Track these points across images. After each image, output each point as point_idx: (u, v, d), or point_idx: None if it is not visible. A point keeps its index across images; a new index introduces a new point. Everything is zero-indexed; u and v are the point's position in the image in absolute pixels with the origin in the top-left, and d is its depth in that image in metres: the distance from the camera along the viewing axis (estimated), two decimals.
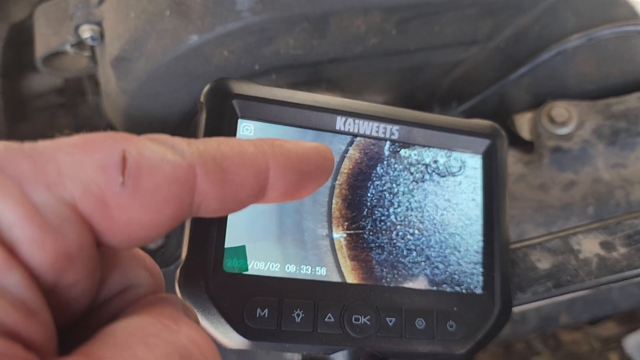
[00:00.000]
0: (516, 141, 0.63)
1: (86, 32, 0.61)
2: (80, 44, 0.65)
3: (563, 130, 0.59)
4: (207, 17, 0.53)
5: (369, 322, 0.36)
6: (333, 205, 0.38)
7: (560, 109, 0.60)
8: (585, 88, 0.64)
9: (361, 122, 0.39)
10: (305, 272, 0.36)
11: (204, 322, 0.34)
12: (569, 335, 0.99)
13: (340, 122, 0.39)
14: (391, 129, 0.40)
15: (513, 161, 0.61)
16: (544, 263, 0.44)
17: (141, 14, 0.56)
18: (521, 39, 0.62)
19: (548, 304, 0.84)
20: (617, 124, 0.59)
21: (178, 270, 0.34)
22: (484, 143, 0.42)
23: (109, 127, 0.93)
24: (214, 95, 0.37)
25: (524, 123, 0.62)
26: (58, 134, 0.95)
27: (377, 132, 0.39)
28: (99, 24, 0.61)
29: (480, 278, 0.40)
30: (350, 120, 0.39)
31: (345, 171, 0.39)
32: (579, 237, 0.45)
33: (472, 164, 0.41)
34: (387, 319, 0.37)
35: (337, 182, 0.38)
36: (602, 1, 0.61)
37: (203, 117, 0.36)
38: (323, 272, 0.37)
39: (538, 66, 0.62)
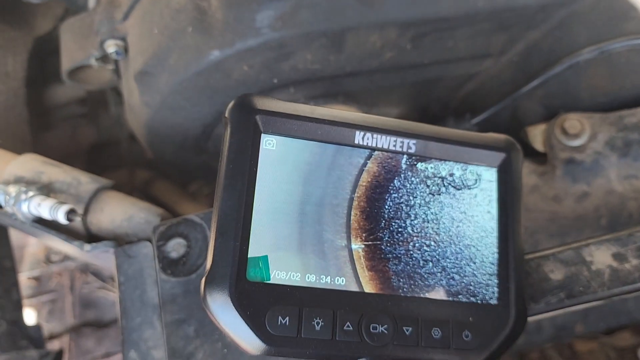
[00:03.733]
0: (529, 153, 0.63)
1: (111, 47, 0.64)
2: (104, 57, 0.67)
3: (576, 142, 0.60)
4: (228, 34, 0.55)
5: (386, 331, 0.37)
6: (352, 217, 0.39)
7: (573, 121, 0.61)
8: (598, 100, 0.65)
9: (379, 136, 0.40)
10: (325, 281, 0.38)
11: (227, 328, 0.36)
12: (584, 345, 0.98)
13: (359, 137, 0.40)
14: (408, 143, 0.41)
15: (526, 172, 0.61)
16: (556, 274, 0.45)
17: (164, 30, 0.58)
18: (534, 52, 0.64)
19: (563, 313, 0.84)
20: (629, 136, 0.60)
21: (203, 278, 0.36)
22: (500, 157, 0.43)
23: (130, 137, 0.95)
24: (238, 111, 0.38)
25: (537, 135, 0.63)
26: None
27: (394, 146, 0.41)
28: (124, 39, 0.63)
29: (496, 289, 0.41)
30: (368, 134, 0.40)
31: (364, 184, 0.40)
32: (591, 248, 0.45)
33: (488, 177, 0.43)
34: (404, 328, 0.38)
35: (355, 194, 0.40)
36: (614, 15, 0.62)
37: (228, 132, 0.38)
38: (342, 282, 0.38)
39: (550, 79, 0.63)
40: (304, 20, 0.55)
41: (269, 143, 0.39)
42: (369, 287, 0.38)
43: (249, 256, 0.37)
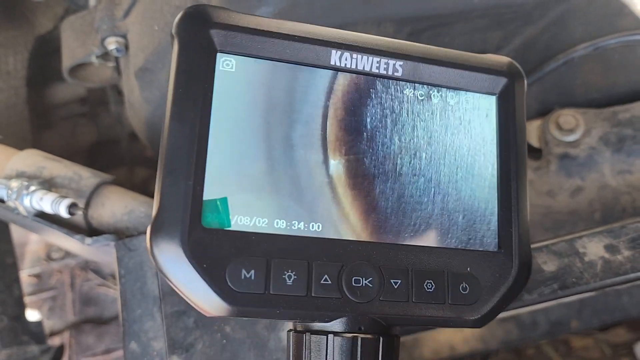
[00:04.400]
0: None
1: (112, 44, 0.65)
2: (105, 55, 0.68)
3: (570, 138, 0.61)
4: None
5: (371, 285, 0.32)
6: (328, 129, 0.33)
7: (567, 116, 0.62)
8: (592, 96, 0.66)
9: (360, 56, 0.34)
10: (297, 227, 0.32)
11: (181, 285, 0.30)
12: (579, 341, 0.99)
13: (335, 57, 0.34)
14: (394, 65, 0.35)
15: None
16: (550, 265, 0.46)
17: (165, 27, 0.59)
18: (530, 48, 0.64)
19: (558, 308, 0.85)
20: (623, 131, 0.61)
21: (149, 227, 0.30)
22: (500, 82, 0.36)
23: (130, 136, 0.96)
24: (188, 24, 0.32)
25: (532, 130, 0.64)
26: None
27: (377, 68, 0.34)
28: (124, 36, 0.64)
29: (496, 234, 0.35)
30: (347, 54, 0.34)
31: (338, 106, 0.34)
32: (584, 240, 0.46)
33: (487, 106, 0.36)
34: (392, 281, 0.32)
35: (329, 119, 0.34)
36: (609, 12, 0.63)
37: (175, 51, 0.31)
38: (318, 228, 0.32)
39: (546, 75, 0.63)
40: (302, 16, 0.55)
41: (226, 64, 0.32)
42: (349, 234, 0.33)
43: (204, 198, 0.30)
